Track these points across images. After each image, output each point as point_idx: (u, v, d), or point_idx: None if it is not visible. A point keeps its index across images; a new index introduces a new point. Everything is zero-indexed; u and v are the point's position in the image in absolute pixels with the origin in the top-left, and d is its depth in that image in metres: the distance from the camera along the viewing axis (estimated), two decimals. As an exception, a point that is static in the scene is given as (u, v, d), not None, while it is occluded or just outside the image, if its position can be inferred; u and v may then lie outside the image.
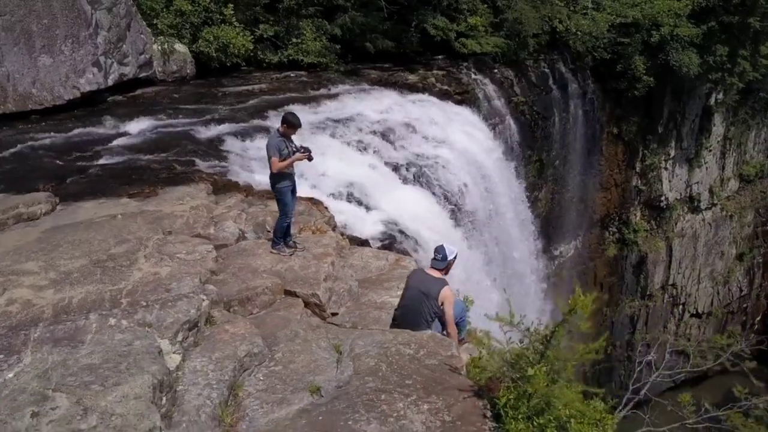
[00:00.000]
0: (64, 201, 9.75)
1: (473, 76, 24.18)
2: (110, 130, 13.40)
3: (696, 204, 36.82)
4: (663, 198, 34.73)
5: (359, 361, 5.85)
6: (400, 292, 7.56)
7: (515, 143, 24.86)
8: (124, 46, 15.54)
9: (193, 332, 5.88)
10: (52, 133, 13.13)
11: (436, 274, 6.94)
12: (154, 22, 16.92)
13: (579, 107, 29.31)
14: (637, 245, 35.48)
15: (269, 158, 7.97)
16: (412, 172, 16.24)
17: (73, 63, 14.33)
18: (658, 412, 15.48)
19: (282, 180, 8.15)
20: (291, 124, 8.02)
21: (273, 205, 11.25)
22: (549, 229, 30.55)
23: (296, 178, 8.52)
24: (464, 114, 20.60)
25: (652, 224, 35.68)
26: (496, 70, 25.34)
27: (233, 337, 5.85)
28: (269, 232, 9.26)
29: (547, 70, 27.53)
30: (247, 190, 11.33)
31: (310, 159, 8.08)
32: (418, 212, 15.23)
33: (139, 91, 16.36)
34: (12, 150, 12.16)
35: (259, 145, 14.32)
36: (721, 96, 34.57)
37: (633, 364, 38.63)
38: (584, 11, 26.23)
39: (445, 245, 7.10)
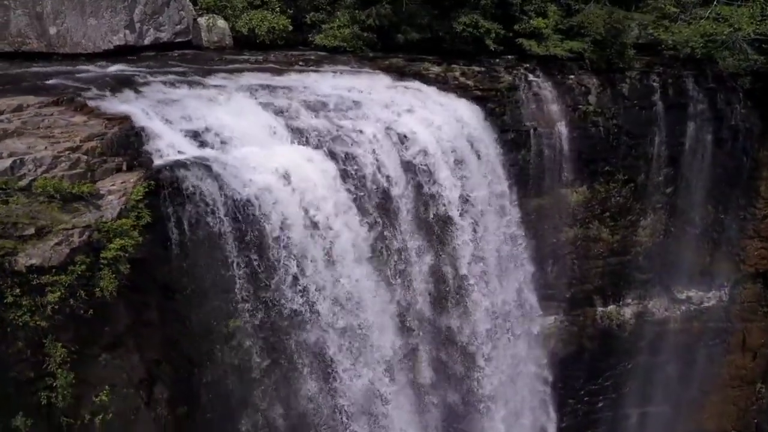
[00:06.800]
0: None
1: (530, 77, 23.87)
2: (97, 69, 19.66)
3: None
4: None
5: None
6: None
7: (565, 149, 23.82)
8: (161, 17, 21.61)
9: None
10: (67, 66, 19.87)
11: None
12: (200, 3, 22.61)
13: (708, 132, 25.56)
14: (822, 321, 28.33)
15: None
16: (314, 137, 18.52)
17: (111, 25, 20.94)
18: None
19: None
20: None
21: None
22: (659, 265, 27.46)
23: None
24: (453, 106, 21.17)
25: None
26: (572, 76, 24.33)
27: None
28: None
29: (655, 84, 24.89)
30: (84, 109, 15.77)
31: None
32: (289, 166, 17.67)
33: (174, 52, 22.29)
34: (31, 71, 19.27)
35: (171, 90, 18.84)
36: None
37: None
38: (693, 19, 22.92)
39: None
